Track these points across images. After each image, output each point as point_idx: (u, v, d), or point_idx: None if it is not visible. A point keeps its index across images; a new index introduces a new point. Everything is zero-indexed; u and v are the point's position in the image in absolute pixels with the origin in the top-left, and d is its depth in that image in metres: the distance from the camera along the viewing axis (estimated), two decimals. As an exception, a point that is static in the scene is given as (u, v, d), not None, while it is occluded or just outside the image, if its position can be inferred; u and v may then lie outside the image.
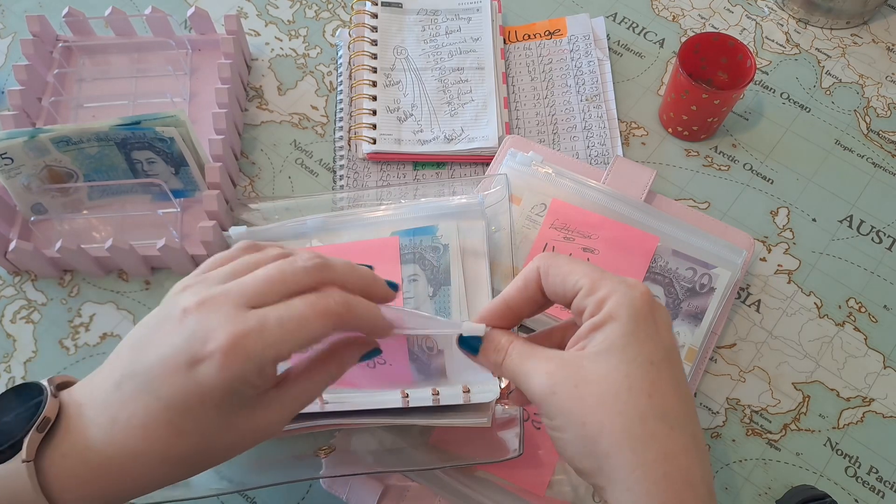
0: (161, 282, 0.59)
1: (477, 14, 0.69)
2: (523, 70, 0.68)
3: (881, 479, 0.53)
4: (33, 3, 0.72)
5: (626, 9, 0.73)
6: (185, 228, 0.59)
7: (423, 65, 0.67)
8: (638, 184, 0.58)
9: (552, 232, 0.56)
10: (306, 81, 0.68)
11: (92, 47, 0.66)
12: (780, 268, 0.61)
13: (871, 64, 0.71)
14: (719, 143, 0.66)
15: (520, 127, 0.66)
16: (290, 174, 0.64)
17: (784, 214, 0.63)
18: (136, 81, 0.66)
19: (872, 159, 0.66)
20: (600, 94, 0.67)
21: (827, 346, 0.58)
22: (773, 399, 0.56)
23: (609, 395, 0.33)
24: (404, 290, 0.54)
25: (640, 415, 0.33)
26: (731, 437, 0.54)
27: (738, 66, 0.62)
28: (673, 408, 0.33)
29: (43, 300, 0.58)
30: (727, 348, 0.57)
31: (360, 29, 0.67)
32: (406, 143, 0.63)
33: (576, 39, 0.69)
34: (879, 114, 0.68)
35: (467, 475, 0.49)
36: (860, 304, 0.59)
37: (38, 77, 0.63)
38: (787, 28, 0.73)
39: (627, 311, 0.34)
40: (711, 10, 0.73)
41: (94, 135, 0.54)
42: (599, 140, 0.64)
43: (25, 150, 0.54)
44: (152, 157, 0.56)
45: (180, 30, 0.70)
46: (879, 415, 0.55)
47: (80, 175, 0.57)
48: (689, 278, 0.54)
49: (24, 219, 0.58)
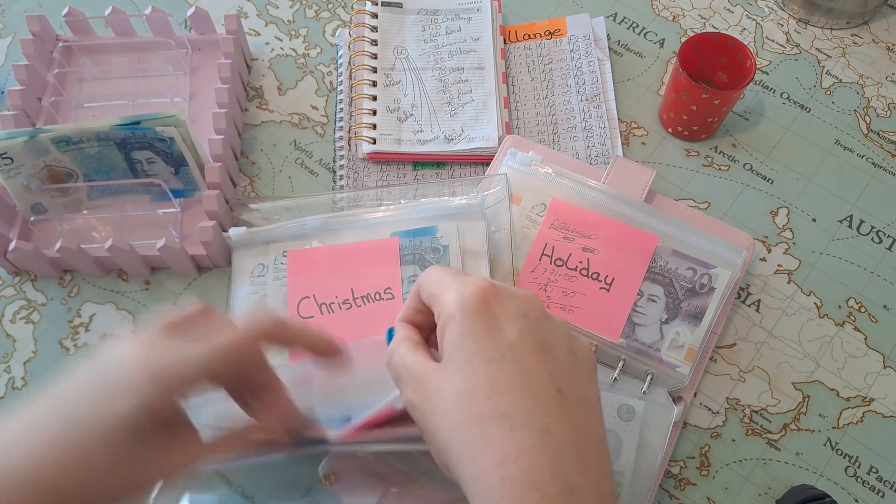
0: (161, 282, 0.59)
1: (477, 14, 0.69)
2: (523, 70, 0.68)
3: (881, 478, 0.53)
4: (33, 3, 0.72)
5: (627, 9, 0.73)
6: (185, 228, 0.59)
7: (424, 65, 0.67)
8: (638, 184, 0.58)
9: (552, 232, 0.56)
10: (306, 81, 0.68)
11: (92, 47, 0.66)
12: (779, 268, 0.61)
13: (871, 64, 0.71)
14: (719, 143, 0.66)
15: (520, 127, 0.66)
16: (290, 174, 0.64)
17: (784, 214, 0.63)
18: (137, 81, 0.66)
19: (872, 159, 0.66)
20: (600, 94, 0.67)
21: (827, 346, 0.58)
22: (773, 399, 0.56)
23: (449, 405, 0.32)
24: (404, 291, 0.54)
25: (477, 419, 0.32)
26: (731, 437, 0.54)
27: (738, 66, 0.62)
28: (515, 406, 0.32)
29: (43, 300, 0.58)
30: (727, 348, 0.57)
31: (360, 29, 0.67)
32: (406, 143, 0.63)
33: (576, 39, 0.69)
34: (879, 114, 0.68)
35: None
36: (860, 304, 0.59)
37: (38, 77, 0.63)
38: (788, 28, 0.73)
39: (460, 310, 0.33)
40: (711, 10, 0.73)
41: (94, 135, 0.54)
42: (599, 140, 0.64)
43: (25, 149, 0.54)
44: (152, 157, 0.56)
45: (180, 30, 0.70)
46: (879, 415, 0.55)
47: (79, 175, 0.57)
48: (689, 278, 0.54)
49: (24, 219, 0.58)
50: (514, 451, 0.31)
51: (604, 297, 0.54)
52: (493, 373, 0.32)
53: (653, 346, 0.53)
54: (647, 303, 0.54)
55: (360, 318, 0.54)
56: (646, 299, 0.54)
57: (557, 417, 0.32)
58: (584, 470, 0.32)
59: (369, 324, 0.53)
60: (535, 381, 0.33)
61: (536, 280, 0.55)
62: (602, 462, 0.33)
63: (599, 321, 0.53)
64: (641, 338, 0.53)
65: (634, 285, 0.54)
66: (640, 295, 0.54)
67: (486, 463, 0.31)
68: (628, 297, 0.54)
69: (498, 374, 0.32)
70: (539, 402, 0.32)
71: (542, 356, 0.33)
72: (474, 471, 0.31)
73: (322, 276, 0.55)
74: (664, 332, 0.53)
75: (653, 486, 0.50)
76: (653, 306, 0.54)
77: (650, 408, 0.51)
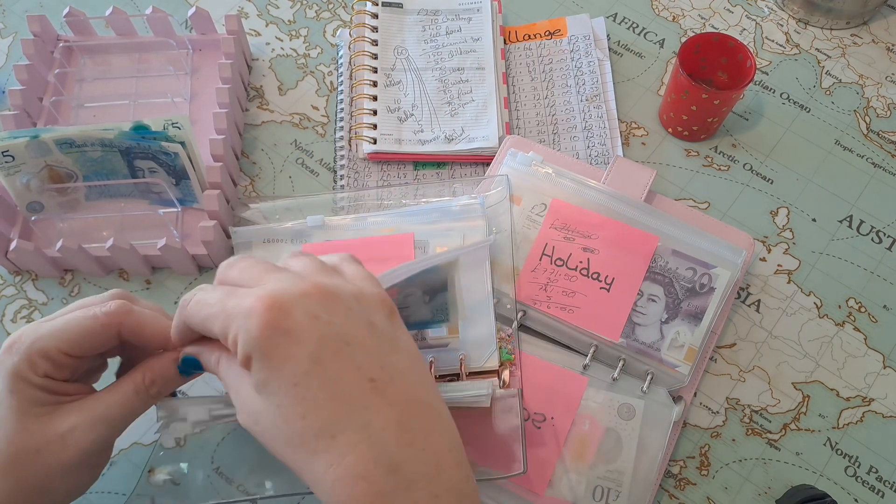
0: (162, 281, 0.59)
1: (477, 14, 0.69)
2: (523, 70, 0.69)
3: (881, 478, 0.53)
4: (34, 3, 0.72)
5: (626, 9, 0.73)
6: (186, 228, 0.59)
7: (424, 65, 0.67)
8: (638, 184, 0.58)
9: (552, 232, 0.56)
10: (307, 81, 0.68)
11: (93, 47, 0.66)
12: (779, 268, 0.61)
13: (871, 64, 0.71)
14: (719, 143, 0.66)
15: (520, 127, 0.66)
16: (290, 174, 0.64)
17: (784, 214, 0.63)
18: (137, 81, 0.66)
19: (872, 159, 0.66)
20: (600, 94, 0.67)
21: (827, 345, 0.58)
22: (772, 399, 0.56)
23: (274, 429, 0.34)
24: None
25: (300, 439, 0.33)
26: (730, 436, 0.54)
27: (738, 66, 0.62)
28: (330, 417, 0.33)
29: (44, 300, 0.58)
30: (727, 348, 0.57)
31: (360, 29, 0.67)
32: (406, 143, 0.63)
33: (576, 40, 0.69)
34: (879, 114, 0.68)
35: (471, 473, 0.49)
36: (860, 304, 0.59)
37: (39, 77, 0.63)
38: (787, 28, 0.73)
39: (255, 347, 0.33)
40: (711, 10, 0.73)
41: (99, 140, 0.54)
42: (599, 140, 0.64)
43: (27, 149, 0.54)
44: (154, 167, 0.56)
45: (181, 30, 0.70)
46: (879, 415, 0.55)
47: (79, 176, 0.57)
48: (689, 278, 0.54)
49: (24, 218, 0.58)
50: (338, 455, 0.33)
51: (604, 297, 0.54)
52: (300, 394, 0.33)
53: (653, 346, 0.53)
54: (647, 303, 0.54)
55: None
56: (646, 299, 0.54)
57: (375, 406, 0.33)
58: (408, 444, 0.33)
59: None
60: (344, 382, 0.33)
61: (537, 280, 0.55)
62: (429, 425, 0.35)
63: (599, 321, 0.53)
64: (641, 338, 0.53)
65: (634, 285, 0.54)
66: (640, 295, 0.54)
67: (318, 471, 0.33)
68: (628, 297, 0.54)
69: (306, 393, 0.33)
70: (353, 402, 0.33)
71: (345, 353, 0.34)
72: (312, 479, 0.34)
73: None
74: (664, 331, 0.53)
75: (653, 485, 0.50)
76: (653, 306, 0.54)
77: (650, 407, 0.51)
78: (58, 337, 0.39)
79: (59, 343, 0.39)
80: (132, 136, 0.54)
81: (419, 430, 0.34)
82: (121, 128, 0.54)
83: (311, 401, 0.33)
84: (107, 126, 0.54)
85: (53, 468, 0.38)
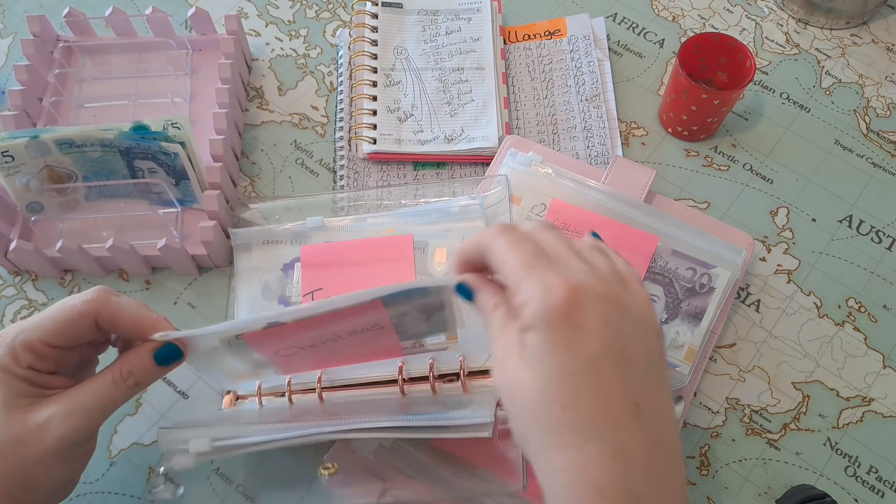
0: (162, 281, 0.59)
1: (477, 14, 0.69)
2: (523, 70, 0.69)
3: (881, 478, 0.53)
4: (34, 3, 0.72)
5: (626, 9, 0.73)
6: (186, 228, 0.59)
7: (424, 65, 0.67)
8: (638, 184, 0.58)
9: (552, 232, 0.56)
10: (307, 81, 0.68)
11: (92, 47, 0.66)
12: (779, 268, 0.61)
13: (871, 64, 0.71)
14: (719, 143, 0.66)
15: (520, 127, 0.66)
16: (290, 174, 0.64)
17: (784, 214, 0.63)
18: (137, 81, 0.66)
19: (872, 159, 0.66)
20: (600, 94, 0.67)
21: (826, 345, 0.58)
22: (772, 399, 0.56)
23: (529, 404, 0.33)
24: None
25: (553, 426, 0.33)
26: (730, 436, 0.54)
27: (738, 66, 0.62)
28: (590, 420, 0.32)
29: (44, 300, 0.58)
30: (727, 348, 0.57)
31: (360, 29, 0.67)
32: (406, 143, 0.63)
33: (576, 40, 0.70)
34: (879, 114, 0.68)
35: (471, 473, 0.49)
36: (860, 304, 0.59)
37: (39, 77, 0.63)
38: (787, 28, 0.73)
39: (543, 323, 0.33)
40: (711, 10, 0.74)
41: (99, 141, 0.54)
42: (599, 140, 0.64)
43: (27, 149, 0.54)
44: (154, 167, 0.56)
45: (181, 30, 0.70)
46: (879, 414, 0.55)
47: (79, 176, 0.57)
48: (688, 278, 0.54)
49: (24, 219, 0.58)
50: (583, 460, 0.32)
51: (604, 296, 0.54)
52: (570, 386, 0.33)
53: (653, 346, 0.53)
54: (647, 303, 0.54)
55: None
56: (646, 299, 0.54)
57: (632, 432, 0.33)
58: (652, 483, 0.33)
59: None
60: (613, 396, 0.33)
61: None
62: (673, 470, 0.34)
63: (599, 321, 0.53)
64: (641, 337, 0.53)
65: (634, 285, 0.54)
66: (639, 295, 0.54)
67: (556, 465, 0.33)
68: (628, 296, 0.54)
69: (576, 387, 0.33)
70: (615, 417, 0.33)
71: (622, 369, 0.34)
72: (545, 467, 0.33)
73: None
74: (664, 331, 0.53)
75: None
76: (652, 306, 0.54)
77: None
78: (39, 328, 0.40)
79: (40, 334, 0.40)
80: (132, 136, 0.54)
81: (665, 471, 0.33)
82: (120, 128, 0.54)
83: (578, 396, 0.33)
84: (106, 126, 0.54)
85: (33, 459, 0.39)
